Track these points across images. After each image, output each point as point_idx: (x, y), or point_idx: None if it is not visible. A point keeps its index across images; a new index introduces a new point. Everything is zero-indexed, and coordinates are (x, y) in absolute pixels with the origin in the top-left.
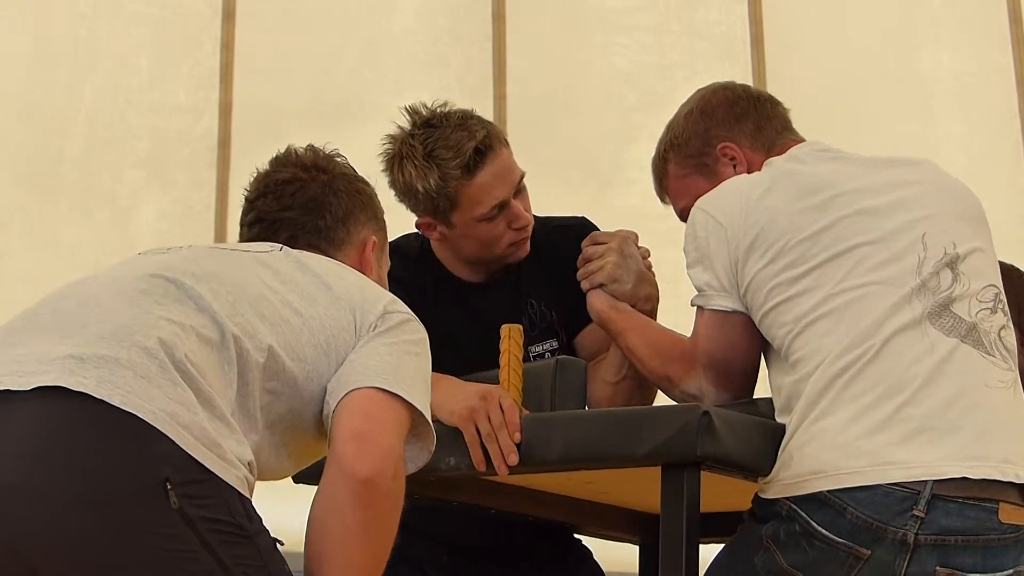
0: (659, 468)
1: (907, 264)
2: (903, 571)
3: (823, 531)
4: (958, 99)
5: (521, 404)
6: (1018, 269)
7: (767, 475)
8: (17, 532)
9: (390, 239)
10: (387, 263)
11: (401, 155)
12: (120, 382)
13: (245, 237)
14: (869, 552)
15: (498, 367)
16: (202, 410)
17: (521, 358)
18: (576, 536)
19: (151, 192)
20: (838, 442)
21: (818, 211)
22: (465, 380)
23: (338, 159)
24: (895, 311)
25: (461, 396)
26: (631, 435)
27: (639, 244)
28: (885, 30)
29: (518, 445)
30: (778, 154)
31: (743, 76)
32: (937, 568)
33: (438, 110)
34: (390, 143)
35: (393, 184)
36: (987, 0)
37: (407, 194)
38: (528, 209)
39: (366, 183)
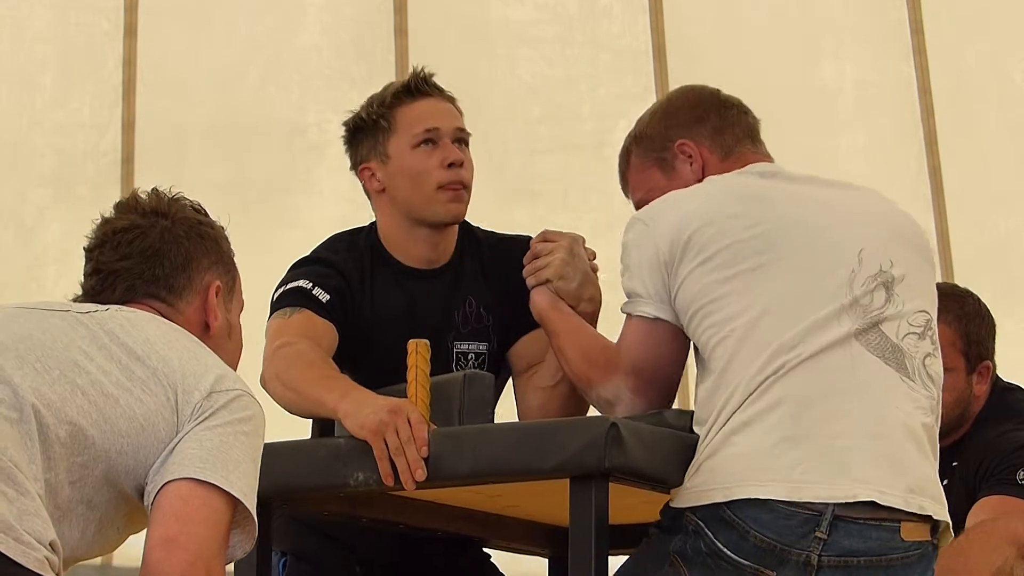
0: (567, 480)
1: (839, 276)
2: None
3: (729, 552)
4: (861, 109)
5: (429, 419)
6: (972, 294)
7: (678, 486)
8: None
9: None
10: (239, 307)
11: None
12: None
13: (84, 288)
14: (774, 573)
15: (406, 381)
16: None
17: (428, 373)
18: (486, 551)
19: (56, 210)
20: (748, 455)
21: (753, 218)
22: (376, 393)
23: (183, 202)
24: (822, 326)
25: (370, 409)
26: (539, 448)
27: (587, 246)
28: (787, 41)
29: (426, 459)
30: (734, 163)
31: (646, 87)
32: None
33: None
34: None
35: (346, 133)
36: (888, 10)
37: (354, 132)
38: (469, 166)
39: (212, 226)
